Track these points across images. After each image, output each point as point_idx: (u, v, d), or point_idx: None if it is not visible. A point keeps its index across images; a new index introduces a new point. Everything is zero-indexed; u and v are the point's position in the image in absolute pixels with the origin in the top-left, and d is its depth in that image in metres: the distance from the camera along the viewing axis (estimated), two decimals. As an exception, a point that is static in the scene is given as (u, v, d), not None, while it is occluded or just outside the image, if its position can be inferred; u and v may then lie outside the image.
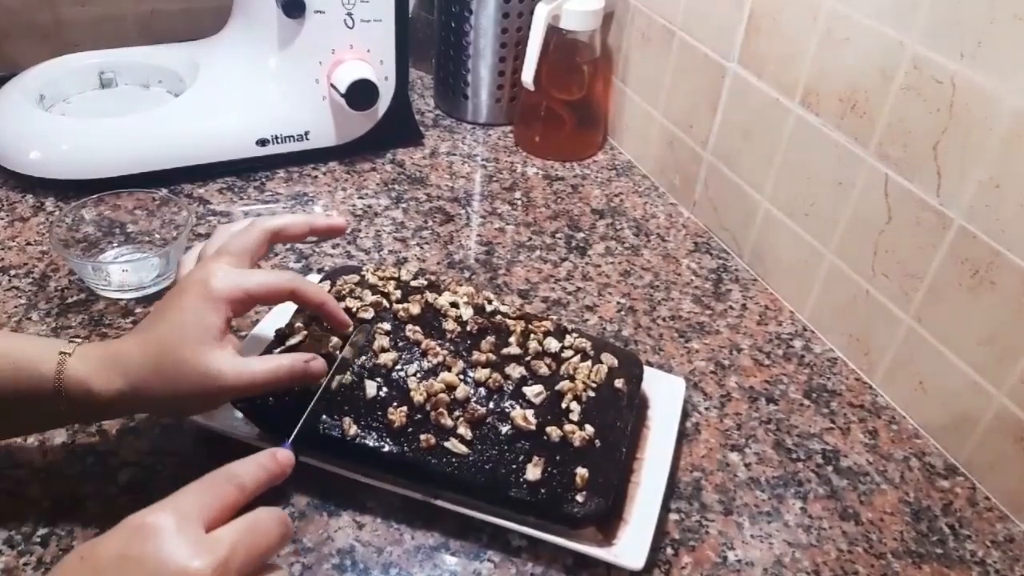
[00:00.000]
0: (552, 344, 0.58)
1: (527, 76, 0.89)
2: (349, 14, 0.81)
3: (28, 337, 0.50)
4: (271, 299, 0.51)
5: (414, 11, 1.06)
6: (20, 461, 0.54)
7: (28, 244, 0.73)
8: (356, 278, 0.61)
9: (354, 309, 0.57)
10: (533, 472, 0.51)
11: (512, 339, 0.57)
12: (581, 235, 0.82)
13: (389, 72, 0.86)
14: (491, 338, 0.56)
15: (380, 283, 0.60)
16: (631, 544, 0.51)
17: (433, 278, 0.62)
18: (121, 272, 0.68)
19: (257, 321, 0.65)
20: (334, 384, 0.52)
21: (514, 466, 0.51)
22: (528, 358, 0.56)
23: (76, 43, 0.95)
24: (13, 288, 0.68)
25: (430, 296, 0.59)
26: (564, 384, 0.55)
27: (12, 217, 0.76)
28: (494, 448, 0.52)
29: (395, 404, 0.52)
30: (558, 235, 0.82)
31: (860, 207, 0.66)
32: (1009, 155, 0.54)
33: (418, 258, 0.77)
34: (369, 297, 0.58)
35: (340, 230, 0.57)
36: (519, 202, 0.87)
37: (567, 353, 0.58)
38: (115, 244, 0.72)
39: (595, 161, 0.96)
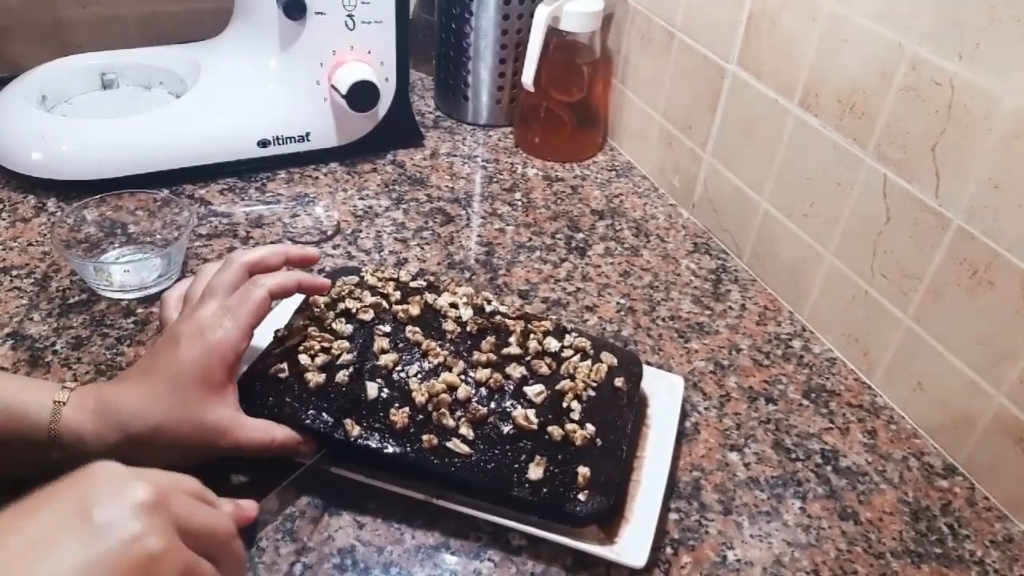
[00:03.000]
0: (552, 344, 0.58)
1: (527, 77, 0.89)
2: (350, 15, 0.81)
3: (22, 380, 0.50)
4: (262, 314, 0.52)
5: (415, 13, 1.06)
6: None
7: (30, 245, 0.73)
8: (355, 279, 0.61)
9: (353, 310, 0.57)
10: (535, 471, 0.51)
11: (512, 339, 0.57)
12: (581, 236, 0.83)
13: (390, 73, 0.86)
14: (491, 338, 0.57)
15: (379, 284, 0.60)
16: (633, 542, 0.51)
17: (432, 279, 0.63)
18: (123, 272, 0.68)
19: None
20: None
21: (516, 465, 0.51)
22: (528, 358, 0.56)
23: (77, 44, 0.95)
24: (15, 288, 0.68)
25: (429, 297, 0.59)
26: (565, 383, 0.55)
27: (14, 218, 0.76)
28: (496, 448, 0.52)
29: (397, 405, 0.52)
30: (558, 236, 0.82)
31: (859, 208, 0.66)
32: (1007, 156, 0.54)
33: (419, 259, 0.77)
34: (368, 298, 0.58)
35: (313, 259, 0.58)
36: (519, 203, 0.87)
37: (567, 352, 0.58)
38: (117, 244, 0.72)
39: (595, 162, 0.96)
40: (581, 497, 0.51)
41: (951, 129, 0.57)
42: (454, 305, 0.59)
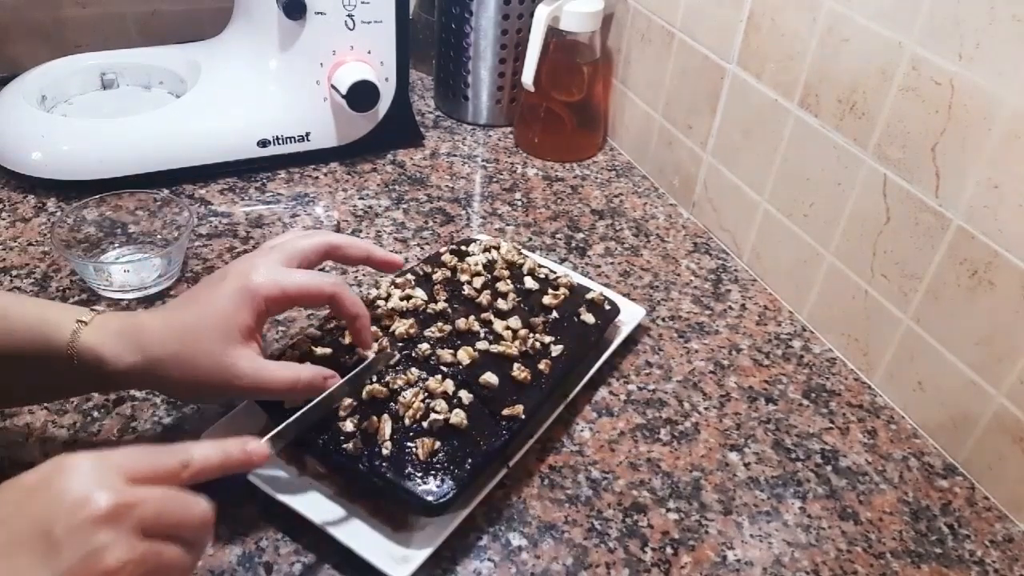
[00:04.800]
0: (530, 282, 0.64)
1: (527, 77, 0.89)
2: (350, 15, 0.81)
3: (51, 304, 0.49)
4: (309, 301, 0.51)
5: (414, 12, 1.06)
6: (20, 461, 0.54)
7: (30, 244, 0.73)
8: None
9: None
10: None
11: (506, 285, 0.62)
12: (581, 235, 0.83)
13: (390, 73, 0.87)
14: (501, 288, 0.62)
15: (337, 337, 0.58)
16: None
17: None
18: (123, 272, 0.68)
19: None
20: (334, 403, 0.51)
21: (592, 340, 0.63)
22: (542, 287, 0.65)
23: (77, 44, 0.95)
24: (15, 288, 0.68)
25: (406, 303, 0.59)
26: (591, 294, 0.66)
27: (14, 218, 0.76)
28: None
29: (519, 364, 0.57)
30: (558, 235, 0.82)
31: (859, 208, 0.66)
32: (1007, 156, 0.54)
33: (419, 259, 0.77)
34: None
35: (396, 265, 0.56)
36: (519, 203, 0.87)
37: (542, 272, 0.66)
38: (117, 244, 0.72)
39: (595, 162, 0.96)
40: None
41: (951, 129, 0.57)
42: (432, 298, 0.60)
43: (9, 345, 0.46)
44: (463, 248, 0.67)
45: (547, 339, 0.59)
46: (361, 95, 0.83)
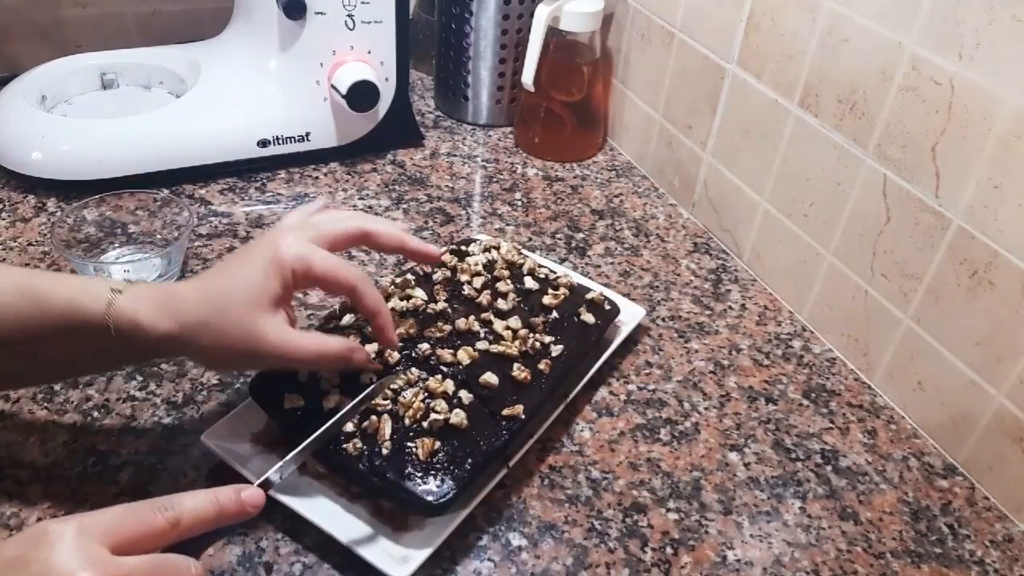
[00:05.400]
0: (530, 282, 0.64)
1: (527, 77, 0.89)
2: (350, 15, 0.81)
3: (83, 277, 0.50)
4: (331, 287, 0.50)
5: (414, 12, 1.06)
6: (20, 461, 0.54)
7: (30, 245, 0.73)
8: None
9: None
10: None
11: (506, 285, 0.62)
12: (581, 235, 0.83)
13: (390, 73, 0.87)
14: (501, 300, 0.61)
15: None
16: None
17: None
18: (123, 272, 0.68)
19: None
20: (340, 425, 0.50)
21: (592, 339, 0.63)
22: (542, 287, 0.64)
23: (77, 44, 0.95)
24: (15, 288, 0.68)
25: (406, 303, 0.59)
26: (591, 294, 0.66)
27: (14, 218, 0.76)
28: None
29: (519, 365, 0.57)
30: (558, 235, 0.82)
31: (859, 208, 0.66)
32: (1007, 156, 0.54)
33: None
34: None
35: (432, 257, 0.55)
36: (519, 203, 0.87)
37: (542, 272, 0.66)
38: (117, 244, 0.72)
39: (595, 162, 0.96)
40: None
41: (951, 129, 0.57)
42: (432, 298, 0.60)
43: (47, 317, 0.46)
44: (463, 248, 0.67)
45: (547, 339, 0.59)
46: (361, 95, 0.83)
